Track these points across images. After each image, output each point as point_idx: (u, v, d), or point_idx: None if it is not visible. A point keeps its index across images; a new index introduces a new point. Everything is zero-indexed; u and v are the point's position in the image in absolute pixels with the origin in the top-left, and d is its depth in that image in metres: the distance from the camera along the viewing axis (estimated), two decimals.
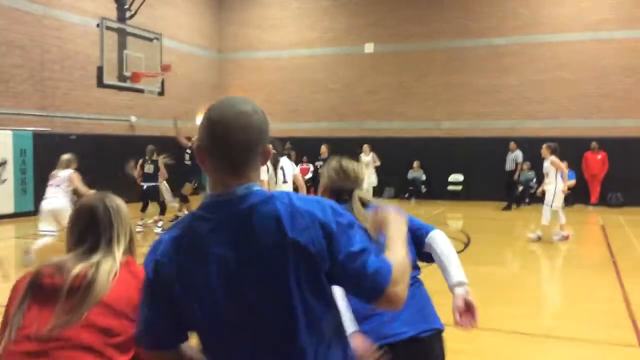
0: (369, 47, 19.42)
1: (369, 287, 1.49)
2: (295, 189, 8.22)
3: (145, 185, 11.47)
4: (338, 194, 2.51)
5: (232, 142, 1.48)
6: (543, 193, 10.64)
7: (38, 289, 1.83)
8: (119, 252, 1.95)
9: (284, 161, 8.26)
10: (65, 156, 8.59)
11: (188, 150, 12.50)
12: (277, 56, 20.42)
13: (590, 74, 16.96)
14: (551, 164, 10.20)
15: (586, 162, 16.47)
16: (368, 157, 15.84)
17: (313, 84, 19.94)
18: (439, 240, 2.50)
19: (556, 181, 10.19)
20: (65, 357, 1.73)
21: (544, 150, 10.38)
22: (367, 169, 15.19)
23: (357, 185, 2.53)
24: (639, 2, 16.62)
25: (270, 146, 1.58)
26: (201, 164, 1.55)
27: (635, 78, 16.59)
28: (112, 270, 1.86)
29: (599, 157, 16.33)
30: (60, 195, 8.17)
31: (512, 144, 16.23)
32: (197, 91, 19.94)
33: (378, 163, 16.16)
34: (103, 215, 1.99)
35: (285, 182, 8.10)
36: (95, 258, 1.89)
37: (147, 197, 11.61)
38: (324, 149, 15.68)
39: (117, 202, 2.07)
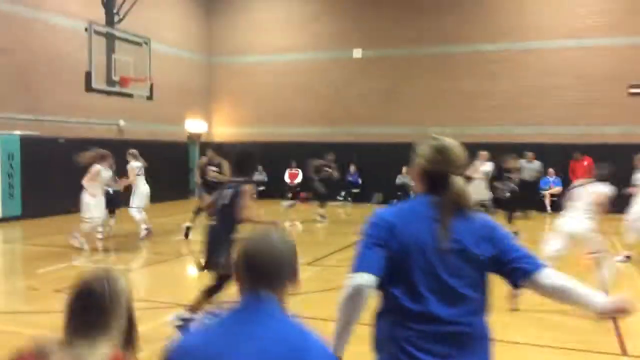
0: (357, 52, 19.51)
1: None
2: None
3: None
4: (434, 178, 2.29)
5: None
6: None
7: None
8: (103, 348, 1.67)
9: None
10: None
11: (213, 168, 11.26)
12: (267, 60, 20.45)
13: (577, 80, 17.15)
14: None
15: (572, 169, 16.62)
16: (486, 167, 13.08)
17: (302, 89, 19.98)
18: (556, 276, 2.20)
19: None
20: None
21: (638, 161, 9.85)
22: (480, 179, 12.62)
23: (457, 170, 2.30)
24: (623, 10, 16.86)
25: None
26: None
27: (620, 85, 16.78)
28: None
29: (585, 163, 16.49)
30: None
31: (531, 154, 15.94)
32: (186, 95, 19.93)
33: (485, 171, 13.02)
34: (97, 301, 1.70)
35: None
36: None
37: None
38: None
39: (114, 281, 1.75)
